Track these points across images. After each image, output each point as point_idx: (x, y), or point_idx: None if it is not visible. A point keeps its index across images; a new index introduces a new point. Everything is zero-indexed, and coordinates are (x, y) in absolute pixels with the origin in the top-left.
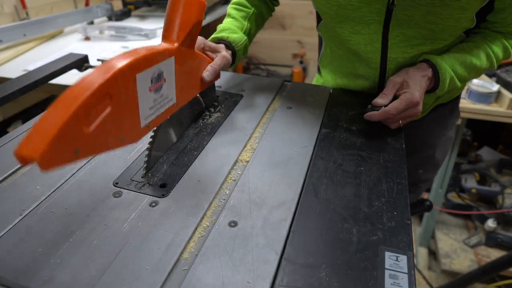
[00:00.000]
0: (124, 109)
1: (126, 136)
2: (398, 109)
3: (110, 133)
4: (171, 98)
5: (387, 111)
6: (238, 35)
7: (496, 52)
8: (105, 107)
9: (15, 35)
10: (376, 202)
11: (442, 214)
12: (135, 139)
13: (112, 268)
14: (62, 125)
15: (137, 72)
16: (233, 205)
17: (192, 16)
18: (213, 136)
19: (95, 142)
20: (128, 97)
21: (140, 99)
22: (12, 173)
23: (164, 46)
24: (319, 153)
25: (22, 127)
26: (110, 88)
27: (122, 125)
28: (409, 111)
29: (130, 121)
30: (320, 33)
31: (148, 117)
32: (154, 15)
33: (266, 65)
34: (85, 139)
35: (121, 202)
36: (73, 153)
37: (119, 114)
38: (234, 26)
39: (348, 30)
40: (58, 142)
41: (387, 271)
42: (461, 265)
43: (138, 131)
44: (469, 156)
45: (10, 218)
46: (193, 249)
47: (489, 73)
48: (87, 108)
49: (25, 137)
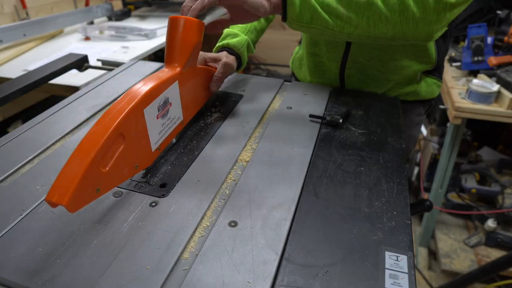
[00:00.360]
0: (135, 143)
1: (140, 164)
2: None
3: (125, 166)
4: (178, 117)
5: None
6: (238, 38)
7: None
8: (119, 147)
9: (15, 35)
10: (376, 202)
11: (442, 214)
12: (148, 163)
13: (112, 268)
14: (83, 172)
15: (144, 107)
16: (233, 205)
17: (192, 39)
18: (213, 136)
19: (112, 177)
20: (138, 132)
21: (149, 128)
22: (12, 173)
23: (168, 74)
24: (319, 153)
25: (22, 127)
26: (122, 129)
27: (135, 156)
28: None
29: (142, 150)
30: None
31: (158, 141)
32: (154, 15)
33: (266, 65)
34: (104, 178)
35: (121, 202)
36: (94, 192)
37: (131, 148)
38: (236, 28)
39: None
40: (81, 187)
41: (387, 271)
42: (461, 265)
43: (150, 156)
44: (469, 156)
45: (10, 218)
46: (193, 249)
47: (489, 73)
48: (104, 152)
49: (53, 185)
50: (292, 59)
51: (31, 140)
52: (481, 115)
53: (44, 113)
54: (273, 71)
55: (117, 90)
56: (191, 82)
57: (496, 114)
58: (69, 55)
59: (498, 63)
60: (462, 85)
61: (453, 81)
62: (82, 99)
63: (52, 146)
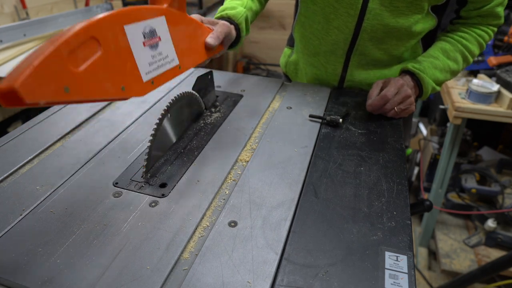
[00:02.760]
0: (117, 57)
1: (127, 87)
2: (391, 91)
3: (105, 78)
4: (173, 59)
5: (384, 94)
6: (236, 10)
7: (472, 51)
8: (93, 50)
9: (15, 35)
10: (376, 202)
11: (442, 214)
12: (139, 93)
13: (112, 268)
14: (44, 58)
15: (124, 24)
16: (233, 205)
17: None
18: (213, 136)
19: (88, 84)
20: (119, 47)
21: (134, 51)
22: (12, 173)
23: (151, 6)
24: (319, 153)
25: (22, 127)
26: (95, 33)
27: (119, 73)
28: (404, 100)
29: (128, 72)
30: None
31: (149, 72)
32: None
33: (266, 65)
34: (75, 78)
35: (121, 202)
36: (62, 90)
37: (112, 61)
38: (233, 3)
39: None
40: (41, 74)
41: (387, 271)
42: (461, 265)
43: (141, 85)
44: (469, 156)
45: (10, 218)
46: (193, 249)
47: (489, 73)
48: (71, 47)
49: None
50: (284, 62)
51: (31, 140)
52: (481, 115)
53: (44, 113)
54: (273, 71)
55: None
56: (182, 27)
57: (496, 114)
58: None
59: (498, 63)
60: (462, 85)
61: (453, 81)
62: None
63: (52, 146)
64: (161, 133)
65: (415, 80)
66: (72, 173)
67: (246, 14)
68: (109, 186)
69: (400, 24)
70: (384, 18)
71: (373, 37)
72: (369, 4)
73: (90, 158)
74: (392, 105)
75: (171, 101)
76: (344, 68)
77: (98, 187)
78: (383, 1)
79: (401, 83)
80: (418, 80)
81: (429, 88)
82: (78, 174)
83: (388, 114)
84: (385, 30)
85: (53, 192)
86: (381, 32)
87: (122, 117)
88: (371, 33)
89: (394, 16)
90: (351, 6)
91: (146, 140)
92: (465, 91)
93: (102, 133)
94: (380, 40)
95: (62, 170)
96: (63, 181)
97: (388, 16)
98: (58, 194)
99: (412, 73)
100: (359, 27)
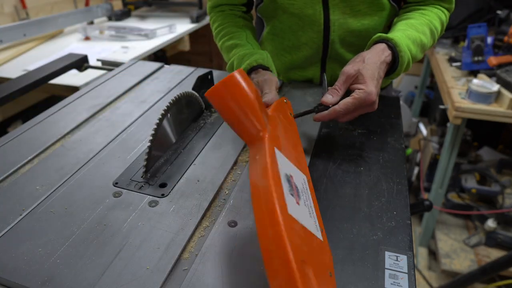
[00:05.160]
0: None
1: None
2: (348, 109)
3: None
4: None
5: (337, 111)
6: (260, 54)
7: (436, 27)
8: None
9: (15, 35)
10: (376, 202)
11: (442, 214)
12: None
13: (112, 268)
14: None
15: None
16: (233, 205)
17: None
18: (213, 136)
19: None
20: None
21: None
22: (12, 173)
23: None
24: (318, 153)
25: (22, 127)
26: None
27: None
28: (363, 110)
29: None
30: (260, 14)
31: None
32: (154, 15)
33: None
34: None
35: (121, 202)
36: None
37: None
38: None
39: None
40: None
41: (387, 271)
42: (461, 265)
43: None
44: (469, 156)
45: (10, 218)
46: (193, 249)
47: (489, 73)
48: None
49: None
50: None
51: (31, 140)
52: (481, 115)
53: (44, 113)
54: None
55: (117, 90)
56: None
57: (496, 114)
58: (69, 55)
59: (498, 63)
60: (462, 85)
61: (453, 81)
62: (82, 99)
63: (52, 146)
64: (161, 133)
65: (391, 49)
66: (72, 173)
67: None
68: (109, 186)
69: (367, 25)
70: (349, 24)
71: (343, 44)
72: (331, 16)
73: (90, 158)
74: (346, 118)
75: (171, 101)
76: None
77: (98, 187)
78: (344, 9)
79: (372, 100)
80: (395, 48)
81: (405, 61)
82: (78, 174)
83: (339, 120)
84: (353, 35)
85: (53, 192)
86: (350, 37)
87: (122, 117)
88: (340, 42)
89: (359, 20)
90: (314, 22)
91: (146, 140)
92: (465, 91)
93: (102, 133)
94: (351, 44)
95: (62, 170)
96: (63, 181)
97: (353, 22)
98: (58, 194)
99: (386, 40)
100: (327, 39)
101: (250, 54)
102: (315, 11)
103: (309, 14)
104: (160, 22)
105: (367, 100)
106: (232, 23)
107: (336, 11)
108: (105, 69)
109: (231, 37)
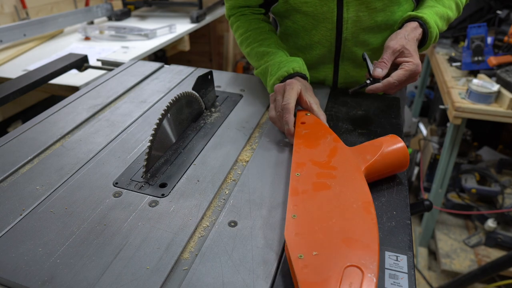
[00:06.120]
0: None
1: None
2: (401, 80)
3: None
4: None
5: (391, 82)
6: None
7: (462, 0)
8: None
9: (15, 35)
10: (376, 202)
11: (442, 214)
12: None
13: (112, 268)
14: None
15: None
16: (233, 205)
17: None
18: (213, 136)
19: None
20: None
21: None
22: (12, 173)
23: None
24: None
25: (22, 127)
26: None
27: None
28: (409, 81)
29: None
30: (273, 14)
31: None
32: (154, 15)
33: None
34: None
35: (121, 202)
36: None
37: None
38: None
39: None
40: None
41: (387, 271)
42: (461, 265)
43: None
44: (469, 156)
45: (10, 218)
46: (193, 249)
47: (489, 73)
48: None
49: None
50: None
51: (31, 140)
52: (481, 115)
53: (44, 113)
54: None
55: (117, 90)
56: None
57: (496, 114)
58: (69, 55)
59: (498, 63)
60: (462, 85)
61: (453, 81)
62: (82, 99)
63: (52, 146)
64: (161, 133)
65: (421, 26)
66: (72, 173)
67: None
68: (109, 186)
69: (379, 21)
70: (363, 22)
71: (356, 42)
72: (344, 14)
73: (90, 158)
74: (398, 88)
75: (171, 101)
76: (335, 73)
77: (98, 187)
78: (359, 6)
79: (419, 71)
80: (425, 25)
81: (433, 36)
82: (78, 174)
83: (390, 92)
84: (366, 32)
85: (53, 192)
86: (363, 35)
87: (122, 117)
88: (353, 39)
89: (372, 17)
90: (327, 20)
91: (146, 140)
92: (465, 91)
93: (102, 133)
94: (363, 42)
95: (62, 170)
96: (63, 181)
97: (366, 19)
98: (58, 194)
99: (417, 18)
100: (339, 37)
101: (286, 62)
102: (329, 8)
103: (323, 12)
104: (160, 22)
105: (416, 71)
106: (259, 30)
107: (350, 8)
108: (105, 69)
109: (261, 44)
